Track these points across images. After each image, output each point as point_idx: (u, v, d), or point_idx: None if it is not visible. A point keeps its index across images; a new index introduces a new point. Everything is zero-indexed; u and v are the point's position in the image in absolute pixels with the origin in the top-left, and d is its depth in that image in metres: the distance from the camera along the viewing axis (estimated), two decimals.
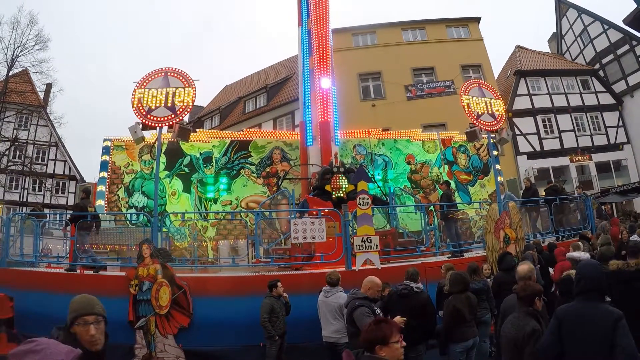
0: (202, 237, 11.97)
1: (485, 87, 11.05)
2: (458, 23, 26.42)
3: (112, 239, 11.76)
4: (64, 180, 29.10)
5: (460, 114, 11.57)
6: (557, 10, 31.01)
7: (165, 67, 9.09)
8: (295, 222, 8.08)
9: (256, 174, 13.51)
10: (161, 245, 8.28)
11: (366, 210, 8.15)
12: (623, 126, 26.10)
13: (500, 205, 9.72)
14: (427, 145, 14.98)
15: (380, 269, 7.90)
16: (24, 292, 7.88)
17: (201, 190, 13.09)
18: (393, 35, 25.66)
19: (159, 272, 7.41)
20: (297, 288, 7.18)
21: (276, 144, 13.95)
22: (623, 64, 26.34)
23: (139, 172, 12.99)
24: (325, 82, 12.57)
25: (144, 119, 8.62)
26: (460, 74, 24.04)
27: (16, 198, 27.23)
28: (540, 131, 25.40)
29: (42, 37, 24.14)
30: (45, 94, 28.47)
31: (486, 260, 8.50)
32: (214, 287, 7.73)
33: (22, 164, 26.07)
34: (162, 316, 7.26)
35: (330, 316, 6.00)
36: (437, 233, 10.31)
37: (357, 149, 14.37)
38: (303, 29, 13.77)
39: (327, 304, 6.06)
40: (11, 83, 24.65)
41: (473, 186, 14.81)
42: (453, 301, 5.23)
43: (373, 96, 24.27)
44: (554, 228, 11.36)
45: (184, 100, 8.72)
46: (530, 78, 26.42)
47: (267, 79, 30.11)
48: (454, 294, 5.34)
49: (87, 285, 7.79)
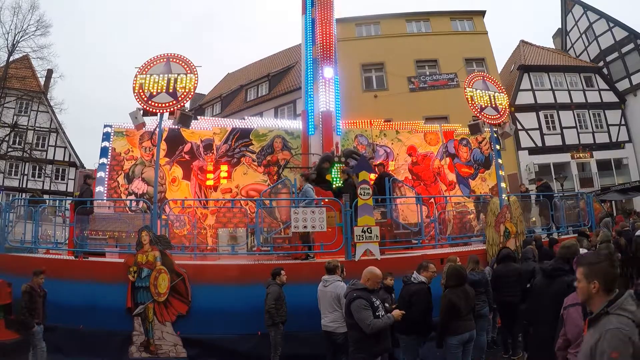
0: (202, 224, 11.94)
1: (489, 80, 10.99)
2: (463, 16, 26.22)
3: (111, 225, 11.72)
4: (64, 166, 29.02)
5: (463, 107, 11.51)
6: (563, 6, 30.78)
7: (168, 53, 9.00)
8: (295, 211, 8.04)
9: (257, 162, 13.44)
10: (160, 232, 8.25)
11: (367, 201, 8.11)
12: (625, 125, 26.04)
13: (501, 199, 9.70)
14: (429, 138, 14.91)
15: (380, 259, 7.89)
16: (23, 278, 7.85)
17: (201, 178, 13.04)
18: (397, 26, 25.48)
19: (158, 259, 7.40)
20: (297, 277, 7.16)
21: (277, 133, 13.86)
22: (627, 63, 26.20)
23: (139, 158, 12.93)
24: (328, 72, 12.48)
25: (145, 104, 8.55)
26: (464, 67, 23.88)
27: (16, 184, 27.19)
28: (542, 127, 25.33)
29: (43, 22, 24.05)
30: (45, 80, 28.31)
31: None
32: (213, 275, 7.73)
33: (22, 150, 25.98)
34: (161, 303, 7.26)
35: (328, 306, 6.00)
36: (437, 225, 10.28)
37: (359, 139, 14.30)
38: (307, 17, 13.63)
39: (325, 294, 6.06)
40: (12, 68, 24.50)
41: (474, 179, 14.76)
42: (449, 295, 5.25)
43: (375, 87, 24.15)
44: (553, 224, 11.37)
45: (186, 86, 8.65)
46: (533, 73, 26.32)
47: (269, 68, 29.97)
48: (450, 288, 5.35)
49: (85, 271, 7.79)
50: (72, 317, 7.19)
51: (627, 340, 1.96)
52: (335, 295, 5.91)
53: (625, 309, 2.08)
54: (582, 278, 2.24)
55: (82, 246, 9.22)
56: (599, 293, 2.17)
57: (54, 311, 7.25)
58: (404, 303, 5.37)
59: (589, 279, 2.20)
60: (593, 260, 2.26)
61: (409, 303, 5.34)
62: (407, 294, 5.49)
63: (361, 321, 4.40)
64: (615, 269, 2.29)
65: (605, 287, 2.18)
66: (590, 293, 2.19)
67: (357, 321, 4.45)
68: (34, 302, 6.54)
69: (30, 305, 6.46)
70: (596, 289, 2.18)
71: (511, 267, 7.02)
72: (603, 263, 2.25)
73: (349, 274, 6.52)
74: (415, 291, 5.46)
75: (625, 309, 2.08)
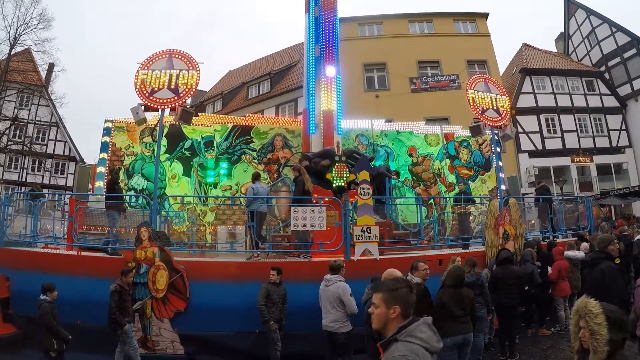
0: (201, 221, 11.93)
1: (491, 82, 11.00)
2: (466, 18, 26.23)
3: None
4: (64, 160, 28.97)
5: (464, 108, 11.53)
6: (566, 10, 30.78)
7: (170, 49, 8.99)
8: (295, 210, 8.03)
9: (257, 160, 13.44)
10: (159, 229, 8.24)
11: (367, 201, 8.10)
12: (626, 130, 26.06)
13: (501, 201, 9.70)
14: (430, 139, 14.90)
15: (379, 259, 7.88)
16: (21, 272, 7.85)
17: (201, 175, 13.03)
18: (400, 27, 25.47)
19: (156, 255, 7.39)
20: (296, 276, 7.15)
21: (278, 131, 13.85)
22: (629, 68, 26.20)
23: (139, 154, 12.91)
24: (330, 71, 12.47)
25: (147, 100, 8.54)
26: (466, 68, 23.89)
27: (15, 178, 27.16)
28: (543, 130, 25.34)
29: (45, 15, 23.98)
30: (47, 74, 28.25)
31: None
32: (212, 272, 7.71)
33: (22, 144, 25.90)
34: (159, 300, 7.24)
35: (329, 305, 5.99)
36: (436, 227, 10.27)
37: (360, 139, 14.29)
38: (310, 15, 13.61)
39: (327, 293, 6.05)
40: (13, 62, 24.45)
41: (474, 181, 14.76)
42: (440, 294, 5.26)
43: (377, 87, 24.16)
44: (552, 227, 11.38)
45: (188, 82, 8.65)
46: (535, 76, 26.33)
47: (271, 66, 29.97)
48: (443, 287, 5.35)
49: (84, 267, 7.78)
50: (69, 312, 7.17)
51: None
52: (338, 296, 5.90)
53: (414, 336, 2.06)
54: (380, 304, 2.19)
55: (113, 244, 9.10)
56: (398, 318, 2.15)
57: None
58: None
59: (388, 304, 2.16)
60: (392, 287, 2.22)
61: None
62: None
63: None
64: (414, 295, 2.27)
65: (404, 312, 2.16)
66: (389, 319, 2.15)
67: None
68: (124, 300, 6.48)
69: (120, 304, 6.40)
70: (396, 314, 2.15)
71: (509, 269, 7.03)
72: (403, 289, 2.22)
73: (348, 273, 6.51)
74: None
75: (415, 336, 2.06)
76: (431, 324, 2.21)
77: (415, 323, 2.15)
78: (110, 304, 6.35)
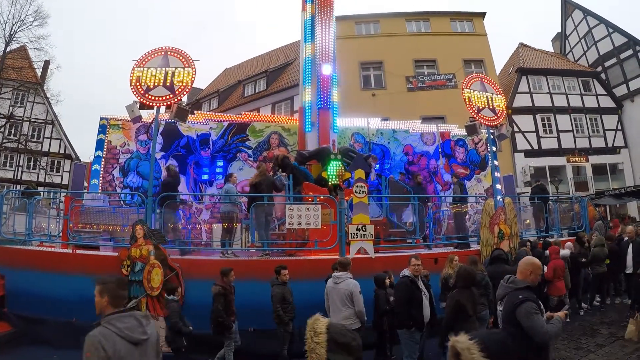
0: (196, 219, 11.90)
1: (487, 81, 11.03)
2: (462, 17, 26.28)
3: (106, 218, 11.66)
4: (59, 158, 28.86)
5: (460, 107, 11.54)
6: (563, 11, 30.87)
7: (166, 47, 8.95)
8: (290, 208, 8.03)
9: (253, 158, 13.42)
10: (155, 227, 8.21)
11: (362, 199, 8.12)
12: (622, 130, 26.19)
13: (496, 200, 9.73)
14: (426, 137, 14.92)
15: (374, 257, 7.90)
16: (16, 271, 7.81)
17: (197, 172, 13.00)
18: (396, 26, 25.49)
19: (151, 253, 7.36)
20: (293, 274, 7.14)
21: (274, 129, 13.83)
22: (625, 69, 26.32)
23: (134, 152, 12.86)
24: (326, 69, 12.44)
25: (142, 98, 8.50)
26: (462, 68, 23.94)
27: (10, 176, 27.03)
28: (539, 130, 25.42)
29: (41, 12, 23.90)
30: (42, 71, 28.12)
31: None
32: (207, 270, 7.68)
33: (18, 142, 25.81)
34: (154, 298, 7.21)
35: (340, 303, 5.83)
36: (432, 225, 10.29)
37: (356, 137, 14.28)
38: (306, 14, 13.58)
39: (337, 291, 5.88)
40: (8, 59, 24.38)
41: (469, 180, 14.79)
42: (457, 296, 5.14)
43: (374, 85, 24.17)
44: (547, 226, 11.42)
45: (183, 80, 8.61)
46: (531, 76, 26.40)
47: (267, 64, 29.94)
48: (458, 289, 5.26)
49: (78, 265, 7.75)
50: (64, 310, 7.15)
51: (99, 346, 2.39)
52: (349, 293, 5.78)
53: (111, 324, 2.52)
54: (97, 294, 2.66)
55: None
56: (108, 307, 2.63)
57: (45, 304, 7.23)
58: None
59: (102, 295, 2.64)
60: (105, 281, 2.71)
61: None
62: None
63: (533, 329, 3.42)
64: (124, 290, 2.87)
65: (112, 302, 2.65)
66: (102, 306, 2.64)
67: (527, 330, 3.44)
68: (229, 301, 6.42)
69: (226, 305, 6.31)
70: (106, 302, 2.63)
71: (502, 268, 7.03)
72: (112, 284, 2.71)
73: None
74: (397, 284, 5.87)
75: (112, 324, 2.52)
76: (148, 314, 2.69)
77: (120, 314, 2.60)
78: (217, 307, 6.21)
